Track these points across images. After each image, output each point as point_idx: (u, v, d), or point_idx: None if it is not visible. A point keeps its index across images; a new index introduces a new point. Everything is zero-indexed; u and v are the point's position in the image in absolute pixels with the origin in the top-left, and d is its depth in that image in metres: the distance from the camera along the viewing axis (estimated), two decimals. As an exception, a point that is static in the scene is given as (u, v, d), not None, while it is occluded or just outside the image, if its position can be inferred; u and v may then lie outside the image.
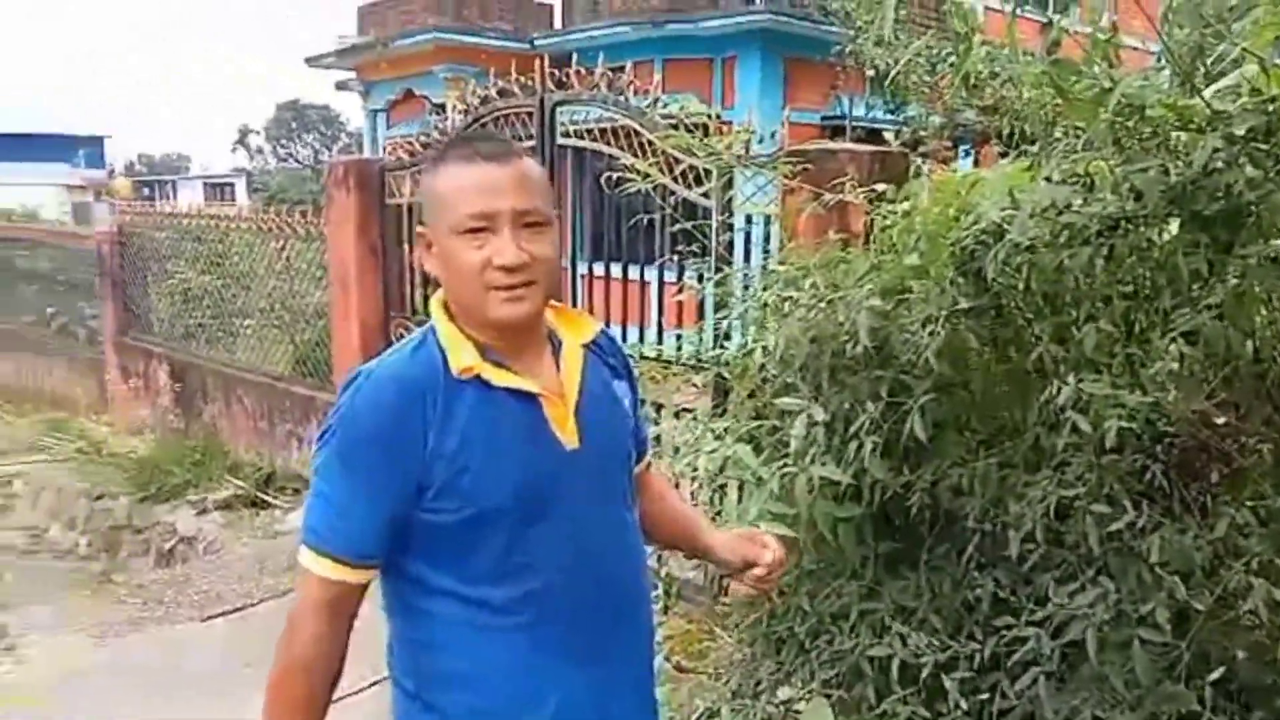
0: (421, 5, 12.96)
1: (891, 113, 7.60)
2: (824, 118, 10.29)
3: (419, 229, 1.33)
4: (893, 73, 2.20)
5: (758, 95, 10.02)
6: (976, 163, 7.90)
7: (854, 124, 9.39)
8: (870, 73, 5.90)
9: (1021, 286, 1.95)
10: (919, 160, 2.73)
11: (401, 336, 5.45)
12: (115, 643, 3.92)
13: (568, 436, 1.31)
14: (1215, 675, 1.52)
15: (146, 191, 38.66)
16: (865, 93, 8.76)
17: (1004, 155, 2.70)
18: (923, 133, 7.16)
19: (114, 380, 7.97)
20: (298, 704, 1.26)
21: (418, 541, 1.26)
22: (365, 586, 1.28)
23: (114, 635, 3.98)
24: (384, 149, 13.71)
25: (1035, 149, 2.26)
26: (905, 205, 2.24)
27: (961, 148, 7.55)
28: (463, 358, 1.26)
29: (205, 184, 43.54)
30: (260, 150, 44.94)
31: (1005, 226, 1.92)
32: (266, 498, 5.90)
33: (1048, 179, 1.93)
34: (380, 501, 1.23)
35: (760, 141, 3.40)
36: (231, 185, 41.61)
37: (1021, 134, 2.51)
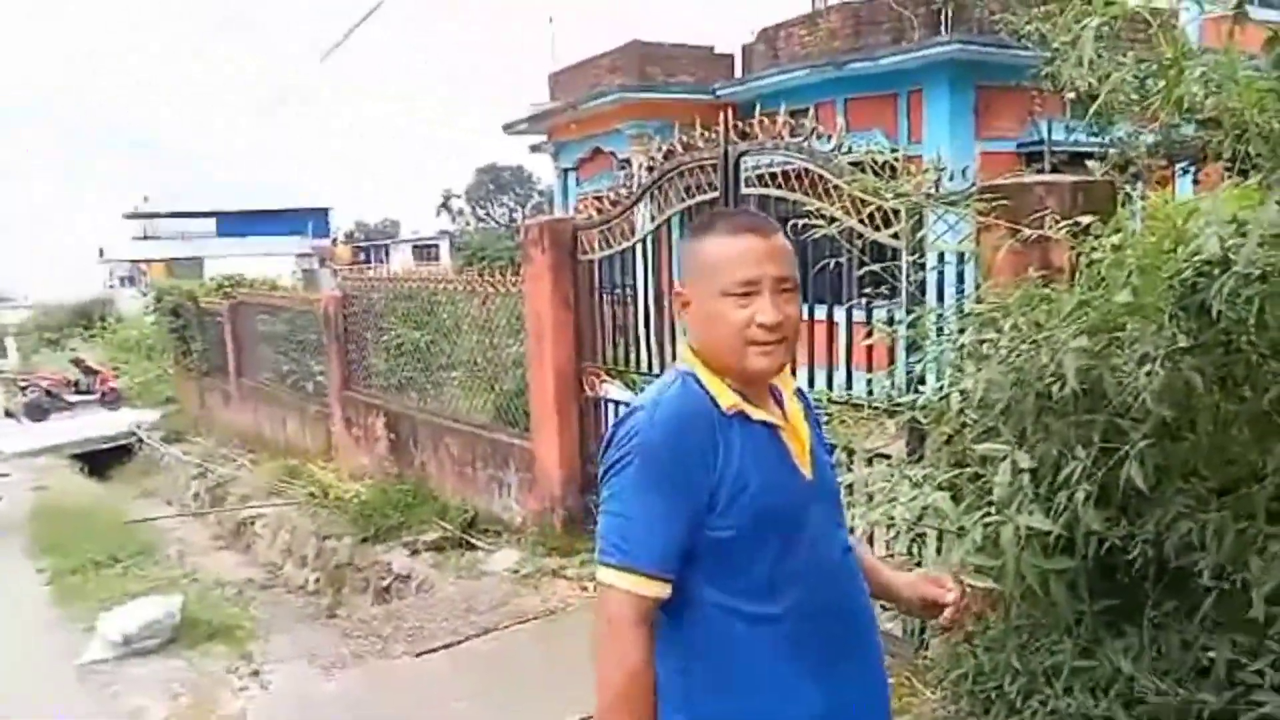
0: (607, 67, 13.54)
1: (1096, 134, 7.14)
2: (1020, 144, 9.82)
3: (677, 287, 1.53)
4: (1100, 96, 2.09)
5: (947, 127, 9.72)
6: (1197, 183, 7.27)
7: (1054, 149, 8.89)
8: (1070, 95, 5.59)
9: (1253, 321, 1.79)
10: (1127, 187, 2.57)
11: (593, 384, 5.68)
12: (341, 675, 4.24)
13: (805, 468, 1.49)
14: None
15: (363, 256, 42.34)
16: (1065, 115, 8.29)
17: (1235, 174, 2.48)
18: (1133, 154, 6.68)
19: (338, 430, 8.70)
20: None
21: (697, 559, 1.41)
22: (662, 602, 1.40)
23: (339, 668, 4.30)
24: (575, 205, 14.36)
25: (1266, 169, 2.08)
26: (1114, 238, 2.11)
27: (1179, 167, 6.97)
28: (728, 396, 1.45)
29: (414, 246, 47.13)
30: (461, 212, 48.16)
31: (1230, 256, 1.77)
32: (470, 540, 6.23)
33: (1278, 202, 1.78)
34: (679, 518, 1.38)
35: (951, 178, 3.31)
36: (436, 246, 44.79)
37: (1247, 152, 2.32)
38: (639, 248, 5.43)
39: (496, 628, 4.60)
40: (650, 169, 5.17)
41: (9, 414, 14.44)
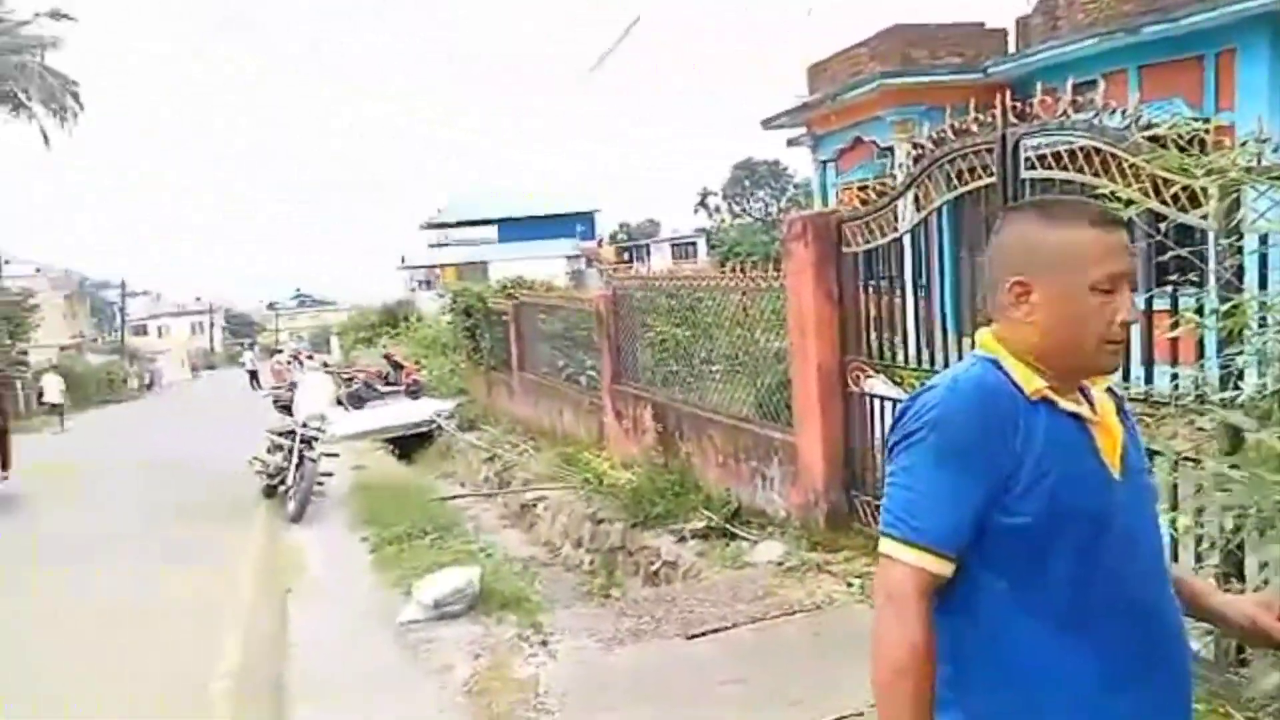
0: (868, 54, 13.23)
1: None
2: (1361, 106, 8.46)
3: (1017, 278, 1.41)
4: None
5: (1266, 92, 8.57)
6: None
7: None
8: None
9: None
10: None
11: (858, 378, 5.61)
12: (620, 649, 4.52)
13: (1114, 466, 1.40)
14: None
15: (626, 255, 44.24)
16: None
17: None
18: None
19: (609, 420, 9.21)
20: (913, 706, 1.32)
21: (990, 545, 1.35)
22: (941, 581, 1.35)
23: (619, 643, 4.58)
24: (835, 196, 14.15)
25: None
26: None
27: None
28: (1034, 381, 1.39)
29: (672, 245, 48.55)
30: (718, 209, 48.91)
31: None
32: (734, 530, 6.37)
33: None
34: (972, 495, 1.33)
35: (1275, 149, 2.95)
36: (694, 244, 45.86)
37: None
38: (906, 239, 5.30)
39: (764, 617, 4.69)
40: (918, 157, 5.02)
41: (338, 402, 16.61)
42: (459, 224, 46.34)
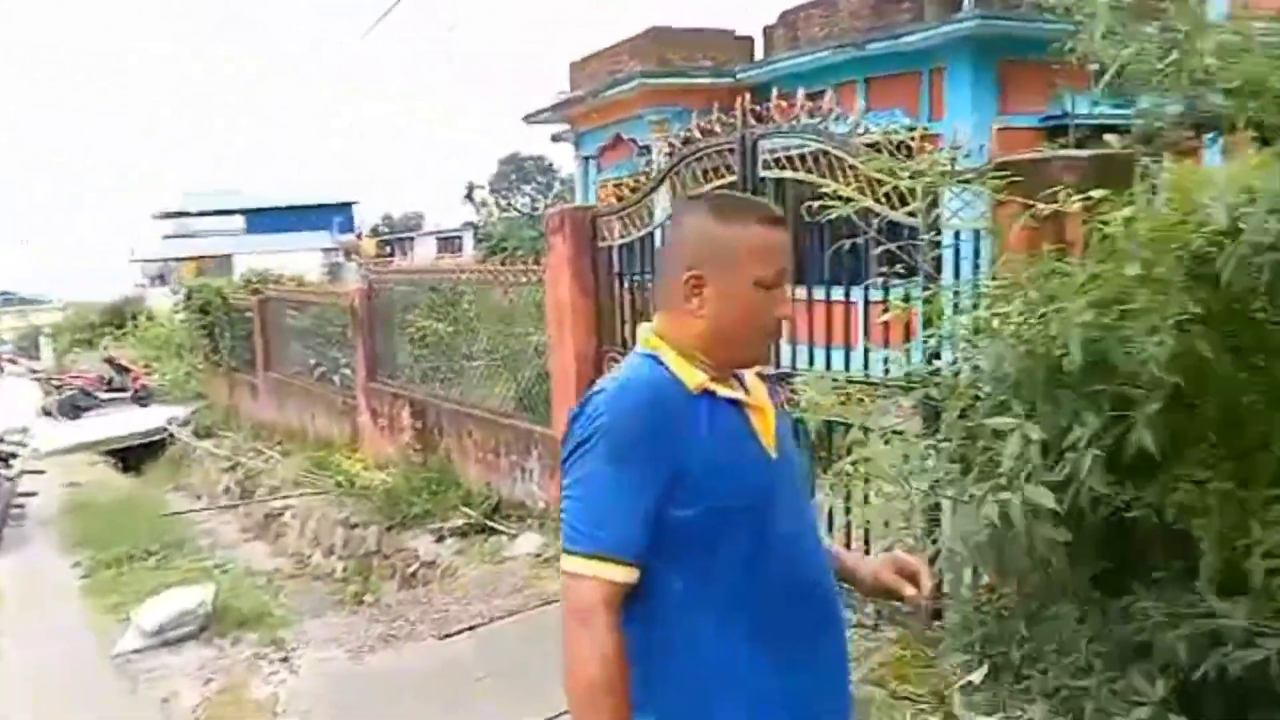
0: (627, 53, 13.51)
1: (1121, 107, 7.05)
2: (1044, 119, 9.69)
3: (692, 271, 1.43)
4: (1113, 66, 2.05)
5: (969, 104, 9.60)
6: (1225, 153, 7.15)
7: (1078, 122, 8.77)
8: (1094, 66, 5.52)
9: (1263, 289, 1.79)
10: (1147, 160, 2.54)
11: (612, 367, 5.70)
12: (370, 657, 4.31)
13: (770, 446, 1.46)
14: None
15: (388, 249, 42.64)
16: (1090, 89, 8.18)
17: (1260, 143, 2.44)
18: (1158, 124, 6.59)
19: (364, 420, 8.81)
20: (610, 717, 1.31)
21: (666, 542, 1.35)
22: (629, 589, 1.34)
23: (368, 651, 4.38)
24: (596, 193, 14.36)
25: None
26: (1126, 211, 2.10)
27: (1206, 137, 6.85)
28: (695, 376, 1.42)
29: (437, 238, 47.39)
30: (484, 203, 48.31)
31: (1241, 225, 1.77)
32: (494, 525, 6.29)
33: (1290, 169, 1.77)
34: (647, 497, 1.33)
35: (967, 155, 3.29)
36: (460, 238, 44.99)
37: (1260, 122, 2.29)
38: (658, 233, 5.45)
39: (521, 610, 4.66)
40: (670, 154, 5.17)
41: (45, 413, 14.72)
42: (199, 214, 42.61)
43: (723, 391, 1.43)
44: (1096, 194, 2.33)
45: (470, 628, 4.50)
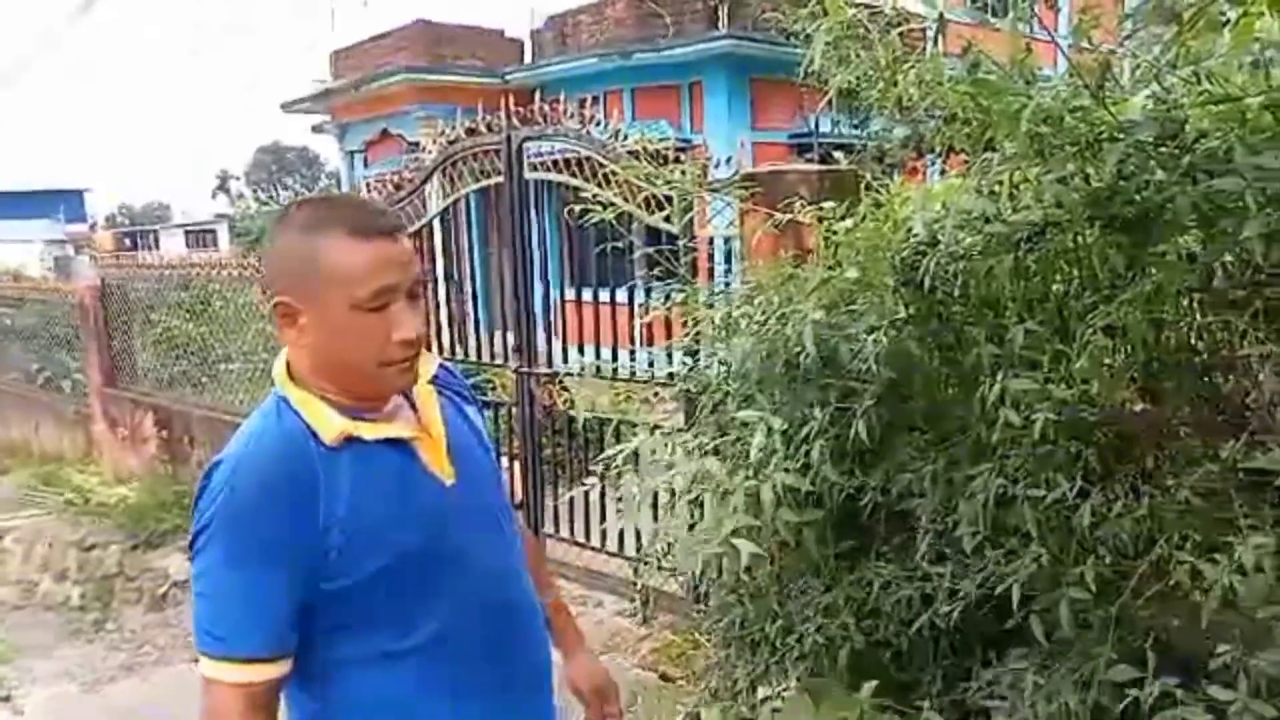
0: (394, 46, 13.13)
1: (857, 127, 7.79)
2: (791, 135, 10.48)
3: (281, 298, 1.25)
4: (831, 90, 2.28)
5: (725, 118, 10.20)
6: (943, 172, 8.08)
7: (821, 140, 9.57)
8: (829, 91, 6.06)
9: (959, 293, 2.06)
10: (871, 175, 2.85)
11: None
12: (108, 688, 3.96)
13: (444, 474, 1.34)
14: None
15: (129, 243, 38.74)
16: (831, 109, 8.94)
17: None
18: (887, 145, 7.33)
19: (101, 431, 8.00)
20: None
21: (321, 612, 1.24)
22: (282, 679, 1.23)
23: (108, 681, 4.02)
24: (362, 188, 13.84)
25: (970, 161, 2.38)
26: (847, 222, 2.36)
27: (928, 158, 7.71)
28: (332, 424, 1.25)
29: (187, 232, 43.59)
30: (241, 195, 45.13)
31: (938, 238, 2.04)
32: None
33: (975, 190, 2.06)
34: (282, 588, 1.19)
35: (717, 166, 3.53)
36: (214, 232, 41.65)
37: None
38: (436, 232, 5.38)
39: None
40: (438, 152, 5.12)
41: None
42: (-113, 197, 36.71)
43: (370, 434, 1.27)
44: (827, 206, 2.59)
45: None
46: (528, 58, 13.17)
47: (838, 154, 3.20)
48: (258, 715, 1.20)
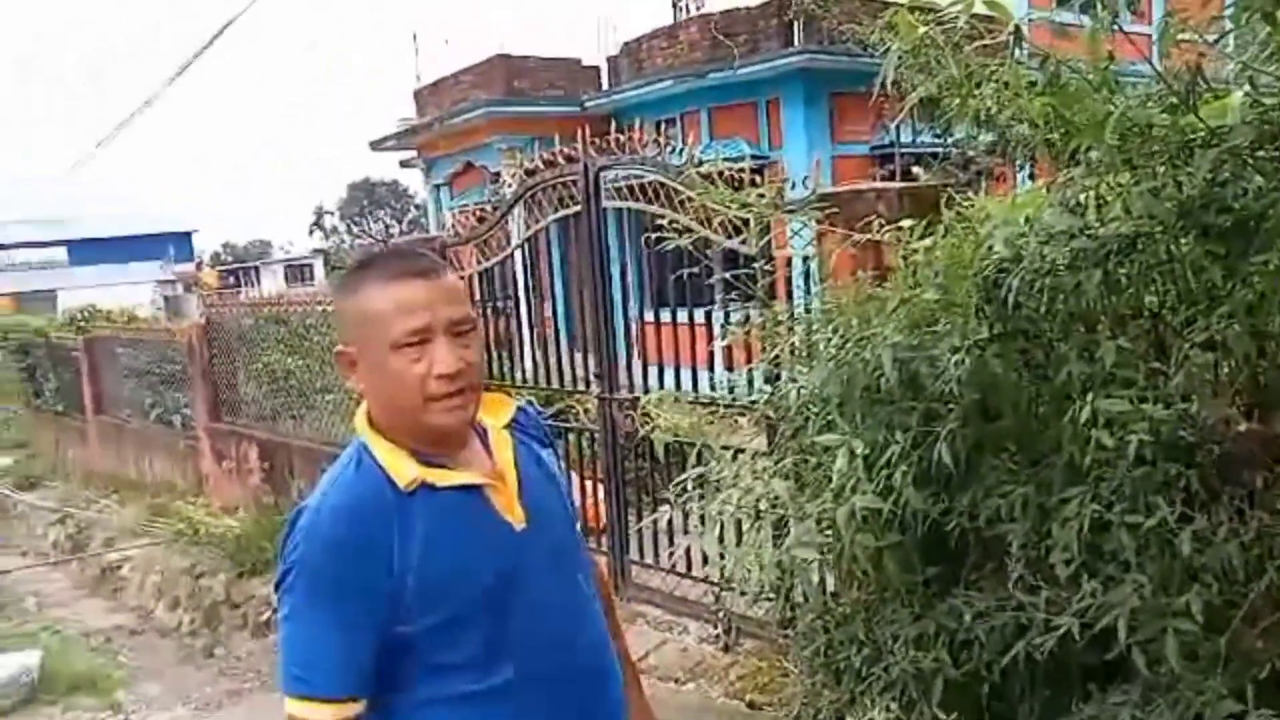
0: (473, 82, 13.49)
1: (939, 136, 7.62)
2: (873, 148, 10.33)
3: (339, 348, 1.38)
4: (906, 106, 2.21)
5: (803, 133, 10.13)
6: (1033, 177, 7.84)
7: (902, 151, 9.41)
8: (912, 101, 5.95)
9: (1045, 309, 2.00)
10: (955, 183, 2.79)
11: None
12: (218, 715, 4.12)
13: (516, 519, 1.37)
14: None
15: (232, 280, 40.64)
16: (913, 119, 8.75)
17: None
18: (972, 153, 7.16)
19: (208, 463, 8.38)
20: None
21: (398, 655, 1.29)
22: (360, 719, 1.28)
23: (216, 707, 4.17)
24: (449, 220, 14.22)
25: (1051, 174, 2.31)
26: (927, 241, 2.31)
27: (1017, 163, 7.50)
28: (406, 471, 1.30)
29: (286, 267, 45.51)
30: (335, 229, 46.91)
31: (1021, 254, 1.98)
32: (354, 566, 6.11)
33: (1060, 204, 1.99)
34: (360, 632, 1.25)
35: (793, 187, 3.50)
36: (310, 266, 43.36)
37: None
38: (517, 261, 5.48)
39: None
40: (519, 185, 5.22)
41: None
42: (15, 245, 39.36)
43: (442, 481, 1.32)
44: (906, 224, 2.54)
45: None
46: (604, 84, 13.35)
47: (916, 169, 3.14)
48: None
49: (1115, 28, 1.96)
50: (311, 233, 47.53)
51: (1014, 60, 2.21)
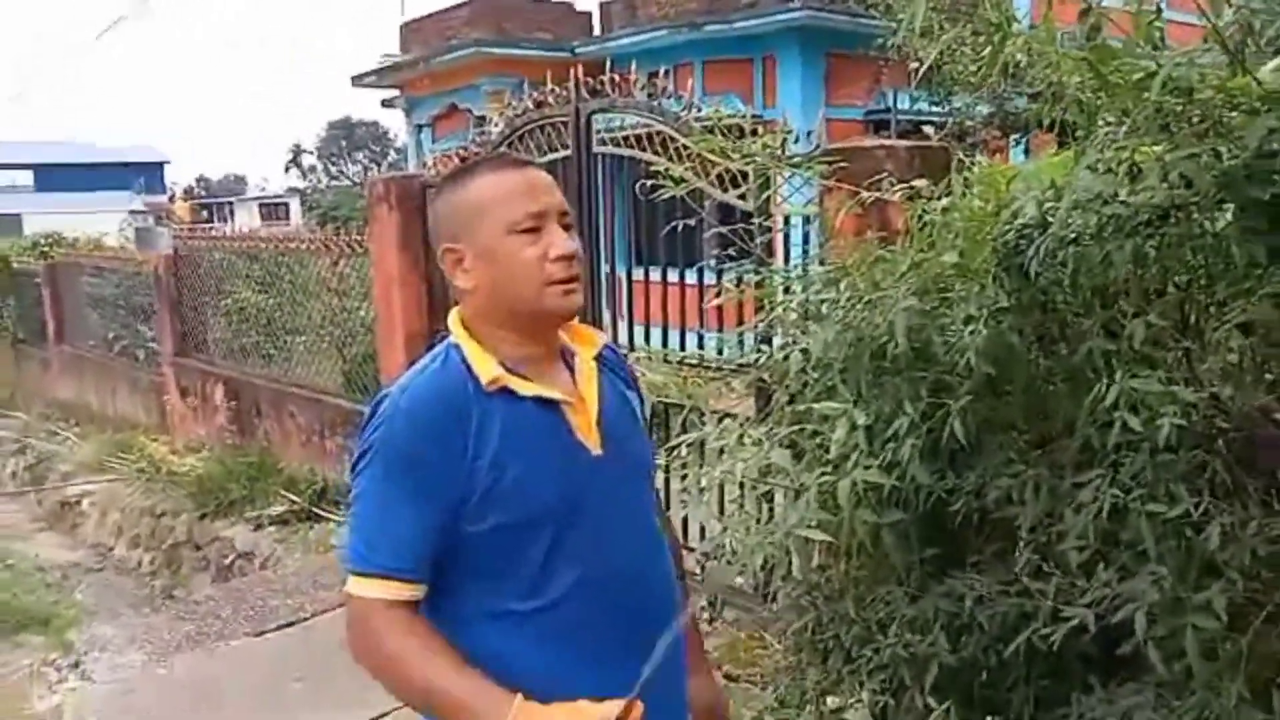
0: (463, 20, 13.11)
1: (937, 104, 7.45)
2: (868, 112, 10.15)
3: (447, 244, 1.36)
4: (926, 63, 2.08)
5: (799, 93, 9.92)
6: (1028, 152, 7.71)
7: (898, 117, 9.24)
8: (914, 65, 5.78)
9: (1068, 281, 1.87)
10: (961, 153, 2.66)
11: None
12: (175, 659, 3.99)
13: (592, 443, 1.37)
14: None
15: (206, 214, 39.80)
16: (910, 85, 8.58)
17: (1060, 144, 2.60)
18: (970, 123, 7.00)
19: (173, 400, 8.17)
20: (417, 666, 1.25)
21: (457, 555, 1.30)
22: (418, 605, 1.30)
23: (174, 651, 4.05)
24: (430, 163, 13.89)
25: (1081, 137, 2.18)
26: (944, 202, 2.17)
27: (1013, 137, 7.35)
28: (490, 369, 1.31)
29: (260, 204, 44.64)
30: (313, 169, 45.92)
31: (1048, 219, 1.85)
32: (320, 512, 5.99)
33: (1090, 168, 1.86)
34: (428, 514, 1.27)
35: (796, 141, 3.34)
36: (286, 205, 42.58)
37: (1065, 122, 2.42)
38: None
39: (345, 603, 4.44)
40: (506, 126, 5.02)
41: None
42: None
43: (524, 390, 1.32)
44: (919, 183, 2.40)
45: (289, 624, 4.25)
46: (596, 30, 13.02)
47: (928, 128, 2.99)
48: (393, 626, 1.26)
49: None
50: (288, 170, 46.51)
51: (1048, 13, 2.07)
